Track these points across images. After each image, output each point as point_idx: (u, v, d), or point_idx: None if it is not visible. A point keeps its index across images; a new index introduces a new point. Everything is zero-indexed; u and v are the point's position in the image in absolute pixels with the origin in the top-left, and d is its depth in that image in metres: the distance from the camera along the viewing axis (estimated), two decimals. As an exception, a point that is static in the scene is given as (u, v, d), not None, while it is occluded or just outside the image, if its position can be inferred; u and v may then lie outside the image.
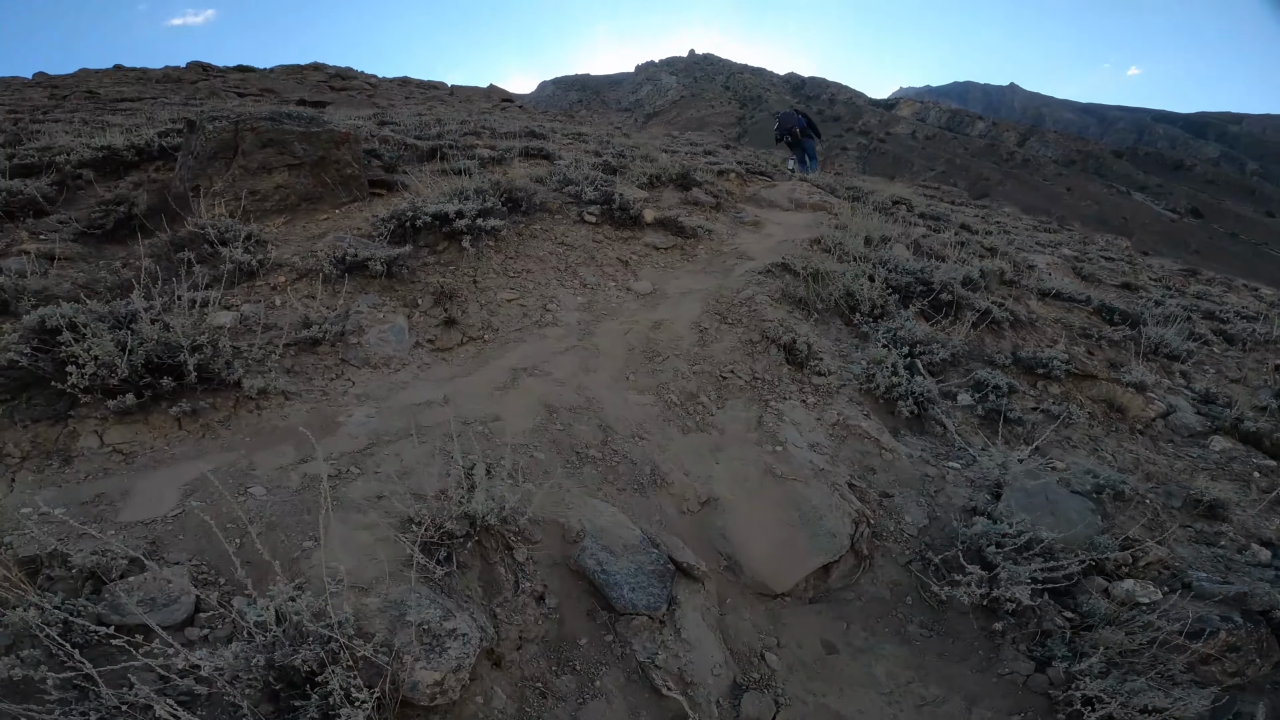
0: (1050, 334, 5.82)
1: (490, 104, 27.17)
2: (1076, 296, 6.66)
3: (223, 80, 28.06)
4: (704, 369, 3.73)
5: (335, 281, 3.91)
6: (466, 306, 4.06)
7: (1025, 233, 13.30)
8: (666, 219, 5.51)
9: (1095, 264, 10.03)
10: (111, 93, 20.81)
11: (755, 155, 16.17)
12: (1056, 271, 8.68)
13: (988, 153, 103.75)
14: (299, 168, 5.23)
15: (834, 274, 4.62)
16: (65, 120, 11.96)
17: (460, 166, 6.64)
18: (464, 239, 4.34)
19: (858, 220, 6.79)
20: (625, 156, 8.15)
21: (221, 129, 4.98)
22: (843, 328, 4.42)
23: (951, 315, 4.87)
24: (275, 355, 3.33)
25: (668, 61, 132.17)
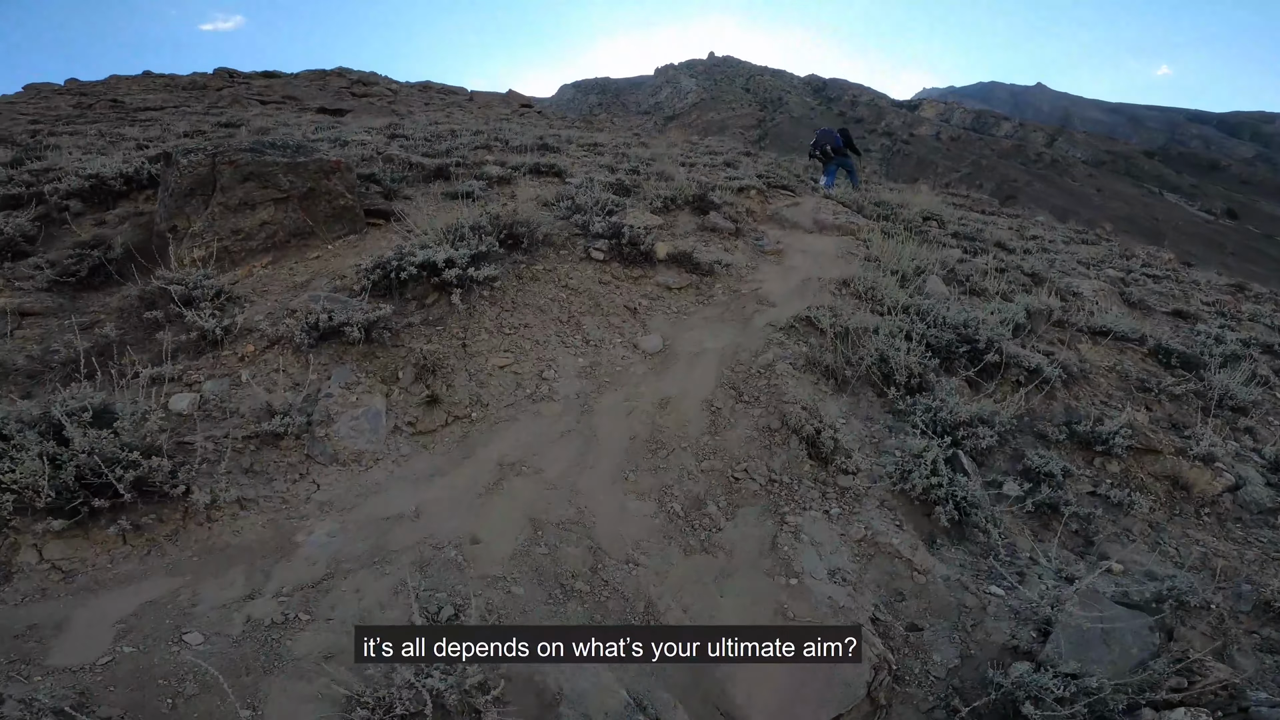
0: (1106, 387, 5.25)
1: (509, 110, 26.95)
2: (1130, 335, 6.06)
3: (247, 87, 28.23)
4: (714, 465, 3.27)
5: (308, 350, 3.52)
6: (453, 379, 3.62)
7: (1063, 247, 12.59)
8: (680, 254, 5.04)
9: (1143, 287, 9.35)
10: (136, 101, 20.95)
11: (777, 164, 15.60)
12: (1104, 299, 8.04)
13: (1015, 154, 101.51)
14: (285, 201, 4.87)
15: (866, 332, 4.09)
16: (82, 133, 11.90)
17: (465, 189, 6.28)
18: (454, 292, 3.91)
19: (890, 248, 6.27)
20: (639, 174, 7.71)
21: (197, 163, 4.62)
22: (875, 401, 3.90)
23: (999, 377, 4.38)
24: (232, 451, 2.97)
25: (687, 64, 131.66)
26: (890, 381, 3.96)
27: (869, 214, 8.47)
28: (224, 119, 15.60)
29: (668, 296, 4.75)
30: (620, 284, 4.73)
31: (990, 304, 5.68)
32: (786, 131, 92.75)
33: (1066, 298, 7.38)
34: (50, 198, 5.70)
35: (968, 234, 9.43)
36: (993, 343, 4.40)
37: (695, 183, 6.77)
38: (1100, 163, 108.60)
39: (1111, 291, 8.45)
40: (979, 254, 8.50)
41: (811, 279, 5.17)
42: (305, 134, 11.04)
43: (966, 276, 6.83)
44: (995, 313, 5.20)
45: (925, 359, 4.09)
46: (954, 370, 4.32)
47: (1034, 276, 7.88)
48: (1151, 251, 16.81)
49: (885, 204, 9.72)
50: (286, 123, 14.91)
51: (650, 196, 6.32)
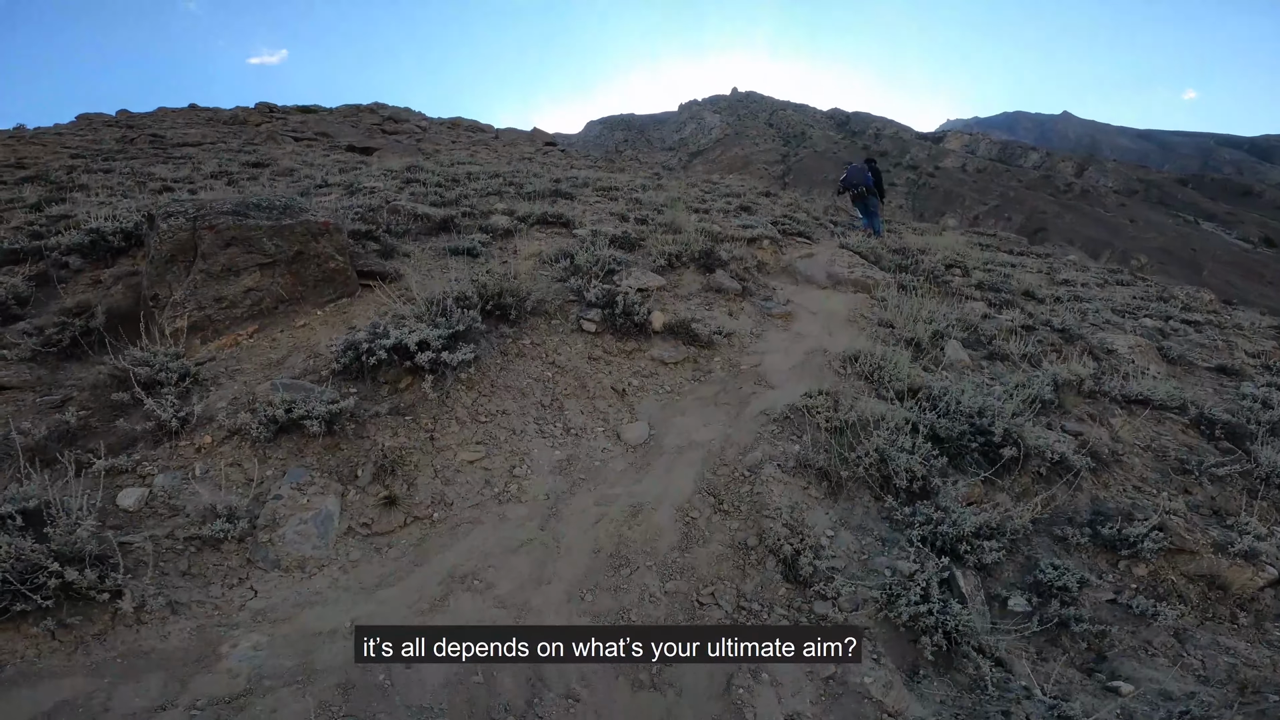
0: (1140, 470, 4.76)
1: (533, 148, 27.36)
2: (1169, 404, 5.58)
3: (284, 122, 29.20)
4: (679, 587, 2.93)
5: (265, 444, 3.33)
6: (416, 477, 3.38)
7: (1096, 291, 12.03)
8: (678, 324, 4.77)
9: (1183, 338, 8.76)
10: (177, 135, 21.66)
11: (796, 204, 15.38)
12: (1141, 356, 7.53)
13: (1043, 185, 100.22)
14: (271, 267, 4.72)
15: (867, 424, 3.72)
16: (114, 171, 12.24)
17: (467, 245, 6.13)
18: (426, 378, 3.66)
19: (906, 309, 5.92)
20: (649, 223, 7.52)
21: (178, 227, 4.48)
22: (871, 508, 3.50)
23: (1017, 470, 3.95)
24: (172, 553, 2.83)
25: (711, 100, 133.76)
26: (889, 485, 3.57)
27: (887, 265, 8.13)
28: (254, 158, 16.02)
29: (662, 373, 4.47)
30: (612, 359, 4.46)
31: (1013, 378, 5.28)
32: (810, 166, 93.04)
33: (1100, 357, 6.91)
34: (50, 253, 5.68)
35: (992, 284, 9.00)
36: (1010, 435, 3.98)
37: (703, 236, 6.53)
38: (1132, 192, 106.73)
39: (1149, 347, 7.93)
40: (1004, 307, 8.07)
41: (817, 351, 4.84)
42: (324, 175, 11.19)
43: (990, 337, 6.42)
44: (1018, 391, 4.79)
45: (931, 458, 3.67)
46: (964, 467, 3.90)
47: (1064, 334, 7.42)
48: (1190, 292, 16.06)
49: (905, 251, 9.37)
50: (312, 162, 15.24)
51: (655, 253, 6.08)
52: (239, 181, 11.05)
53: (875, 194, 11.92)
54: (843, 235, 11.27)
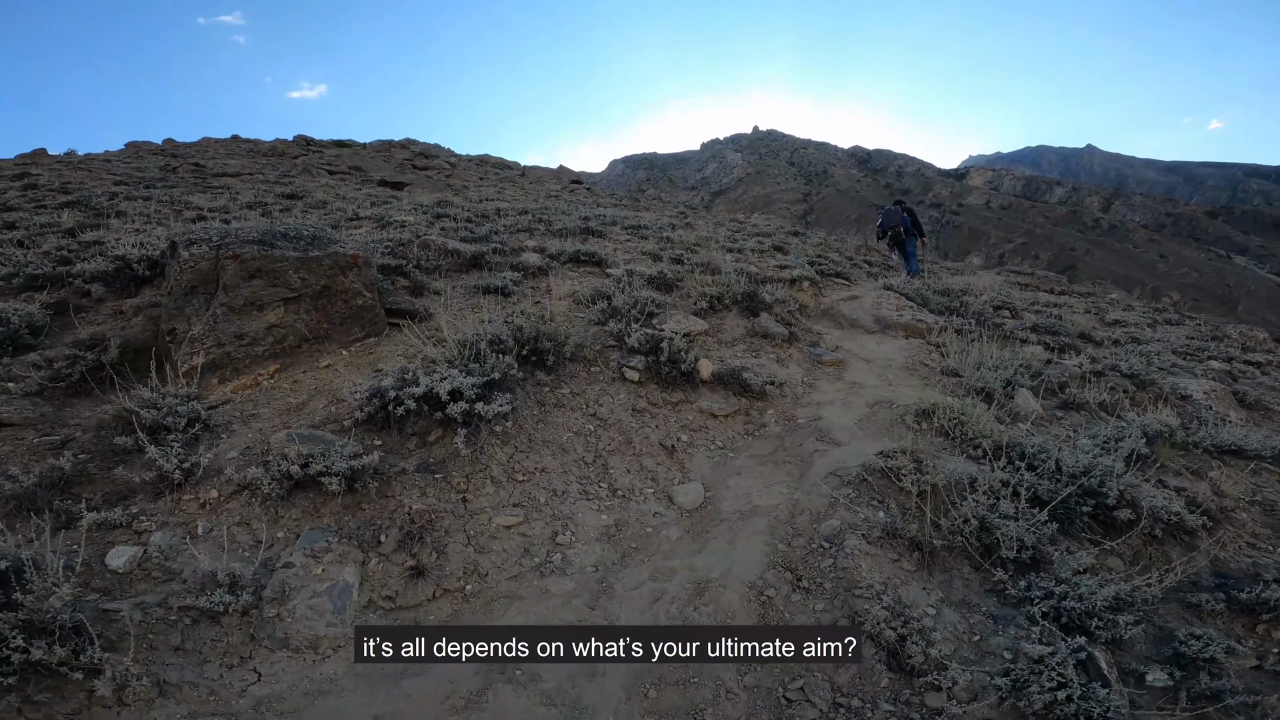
0: (1251, 526, 4.31)
1: (559, 185, 27.62)
2: (1263, 454, 5.14)
3: (320, 156, 29.96)
4: (761, 681, 2.47)
5: (279, 502, 2.96)
6: (446, 544, 2.98)
7: (1149, 332, 11.44)
8: (728, 373, 4.37)
9: (1252, 380, 8.25)
10: (217, 166, 22.16)
11: (826, 244, 15.06)
12: (1218, 402, 7.02)
13: (1070, 220, 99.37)
14: (296, 301, 4.46)
15: (959, 488, 3.25)
16: (155, 198, 12.35)
17: (498, 283, 5.86)
18: (458, 432, 3.29)
19: (969, 355, 5.47)
20: (683, 263, 7.21)
21: (199, 256, 4.22)
22: (972, 580, 3.03)
23: (1130, 534, 3.47)
24: (164, 624, 2.45)
25: (732, 139, 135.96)
26: (993, 555, 3.09)
27: (935, 307, 7.70)
28: (290, 189, 16.21)
29: (711, 426, 4.05)
30: (658, 411, 4.06)
31: (1100, 430, 4.80)
32: (833, 205, 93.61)
33: (1175, 403, 6.44)
34: (73, 280, 5.50)
35: (1047, 326, 8.52)
36: (1125, 498, 3.51)
37: (744, 277, 6.18)
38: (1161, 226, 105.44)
39: (1224, 392, 7.40)
40: (1066, 351, 7.61)
41: (881, 403, 4.40)
42: (356, 208, 11.15)
43: (1060, 384, 5.97)
44: (1113, 446, 4.32)
45: (1040, 524, 3.21)
46: (1074, 533, 3.43)
47: (1135, 379, 6.94)
48: (1244, 330, 15.38)
49: (950, 292, 8.93)
50: (345, 195, 15.35)
51: (695, 295, 5.73)
52: (273, 213, 11.07)
53: (914, 235, 11.72)
54: (882, 275, 10.91)
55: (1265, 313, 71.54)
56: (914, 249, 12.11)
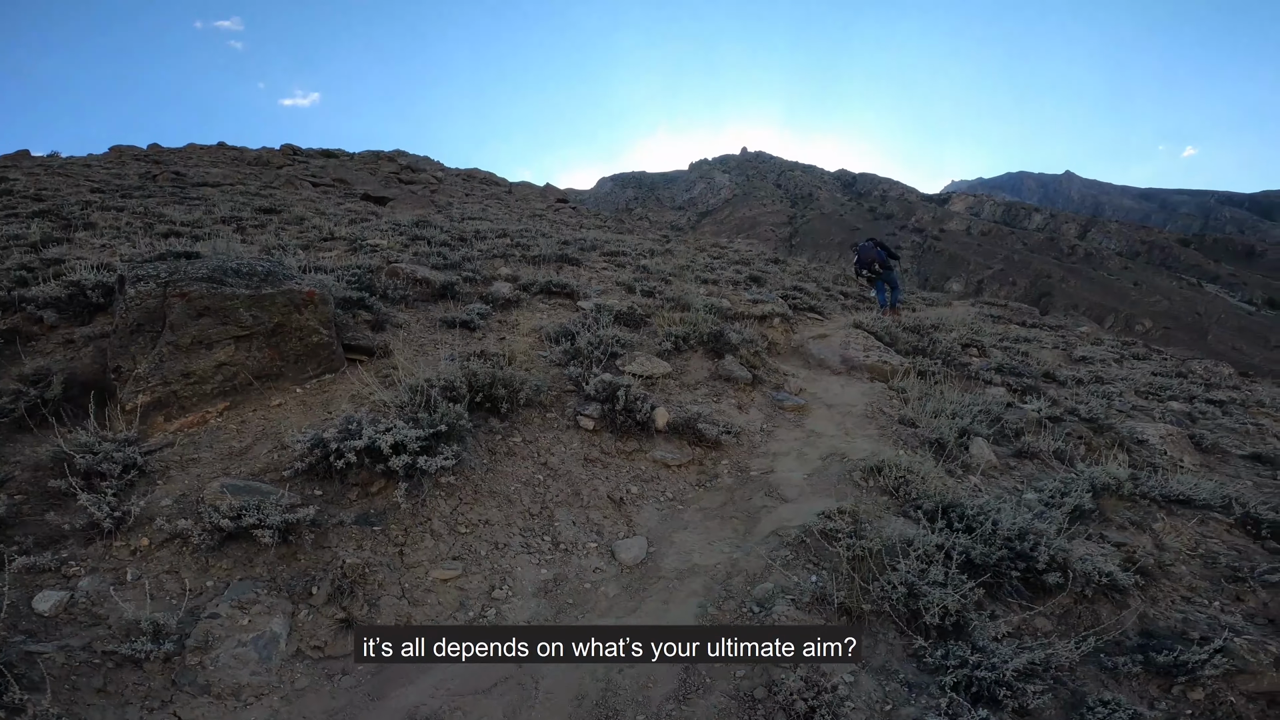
0: (1188, 579, 4.36)
1: (545, 204, 27.71)
2: (1211, 503, 5.22)
3: (305, 166, 29.75)
4: None
5: (209, 552, 2.94)
6: (379, 597, 2.95)
7: (1115, 369, 11.65)
8: (683, 423, 4.37)
9: (1212, 422, 8.39)
10: (198, 174, 21.87)
11: (806, 272, 15.25)
12: (1173, 446, 7.14)
13: (1047, 247, 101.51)
14: (248, 339, 4.38)
15: (892, 552, 3.27)
16: (129, 209, 12.14)
17: (464, 317, 5.83)
18: (400, 485, 3.27)
19: (928, 402, 5.54)
20: (656, 295, 7.24)
21: (146, 294, 4.14)
22: (896, 646, 3.04)
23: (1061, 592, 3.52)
24: (86, 668, 2.44)
25: (720, 159, 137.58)
26: (917, 622, 3.11)
27: (903, 347, 7.78)
28: (269, 202, 16.04)
29: (664, 477, 4.05)
30: (610, 461, 4.05)
31: (1049, 483, 4.86)
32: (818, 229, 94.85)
33: (1132, 449, 6.53)
34: (27, 306, 5.37)
35: (1012, 366, 8.64)
36: (1055, 562, 3.54)
37: (711, 316, 6.20)
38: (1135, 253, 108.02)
39: (1181, 436, 7.54)
40: (1027, 393, 7.72)
41: (834, 455, 4.42)
42: (332, 226, 11.07)
43: (1017, 431, 6.05)
44: (1057, 501, 4.37)
45: (966, 590, 3.23)
46: (1002, 597, 3.45)
47: (1093, 423, 7.05)
48: (1209, 366, 15.73)
49: (920, 329, 9.04)
50: (324, 211, 15.23)
51: (661, 334, 5.74)
52: (247, 229, 10.95)
53: (889, 267, 12.03)
54: (857, 309, 11.05)
55: (1235, 341, 73.42)
56: (896, 280, 12.41)
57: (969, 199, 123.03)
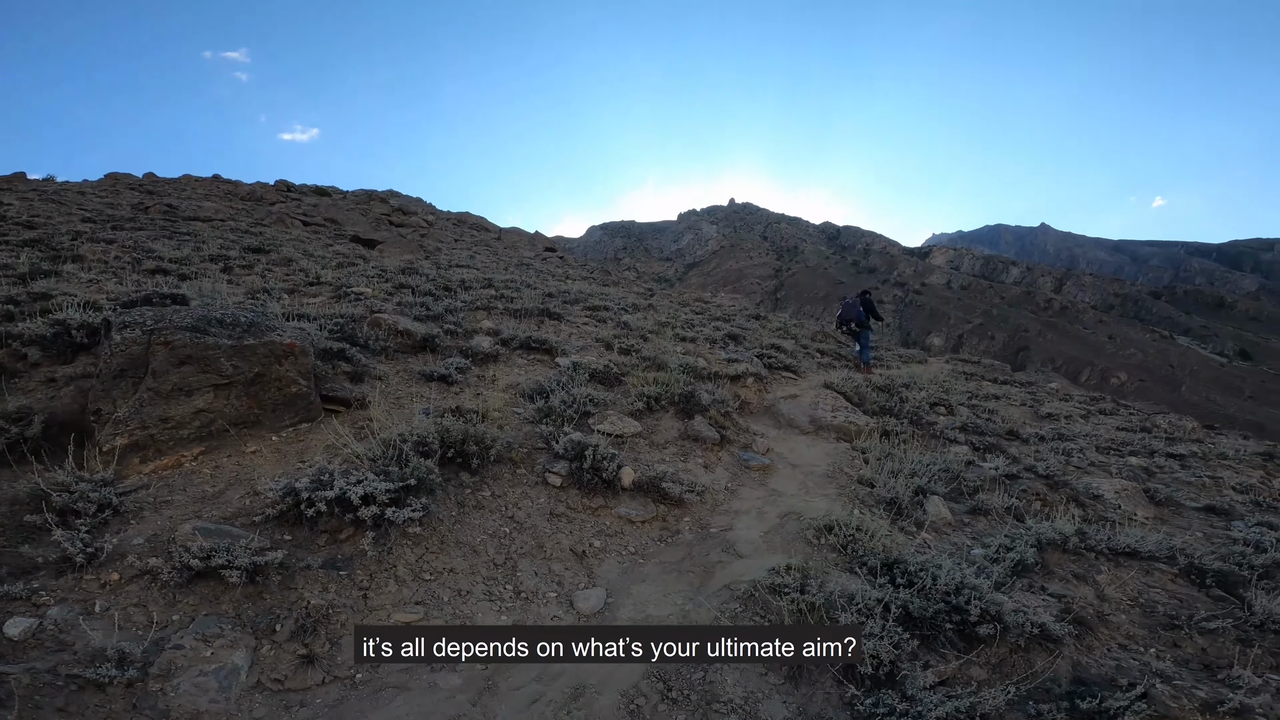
0: (1126, 628, 4.50)
1: (533, 252, 28.27)
2: (1157, 555, 5.40)
3: (298, 204, 30.16)
4: None
5: (177, 589, 3.08)
6: (341, 637, 3.08)
7: (1080, 425, 11.97)
8: (648, 481, 4.56)
9: (1169, 476, 8.60)
10: (190, 208, 22.07)
11: (786, 329, 15.65)
12: (1128, 500, 7.37)
13: (1025, 301, 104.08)
14: (228, 387, 4.54)
15: (833, 607, 3.44)
16: (119, 241, 12.28)
17: (443, 370, 6.01)
18: (367, 534, 3.42)
19: (888, 463, 5.76)
20: (633, 353, 7.49)
21: (131, 340, 4.32)
22: (833, 694, 3.18)
23: (994, 643, 3.69)
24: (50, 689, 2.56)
25: (708, 210, 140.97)
26: (853, 672, 3.26)
27: (870, 407, 8.07)
28: (258, 241, 16.23)
29: (627, 532, 4.21)
30: (575, 516, 4.21)
31: (996, 539, 5.07)
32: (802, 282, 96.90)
33: (1086, 503, 6.74)
34: (12, 342, 5.46)
35: (976, 425, 8.92)
36: (987, 614, 3.72)
37: (684, 376, 6.46)
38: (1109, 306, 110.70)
39: (1136, 490, 7.77)
40: (989, 452, 7.97)
41: (792, 515, 4.61)
42: (319, 270, 11.27)
43: (974, 489, 6.26)
44: (1001, 556, 4.56)
45: (901, 640, 3.40)
46: (937, 647, 3.60)
47: (1049, 480, 7.27)
48: (1173, 420, 16.07)
49: (890, 389, 9.35)
50: (312, 253, 15.44)
51: (634, 394, 5.98)
52: (234, 269, 11.14)
53: (868, 327, 12.82)
54: (832, 368, 11.39)
55: (1208, 391, 75.04)
56: (868, 340, 13.05)
57: (949, 252, 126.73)
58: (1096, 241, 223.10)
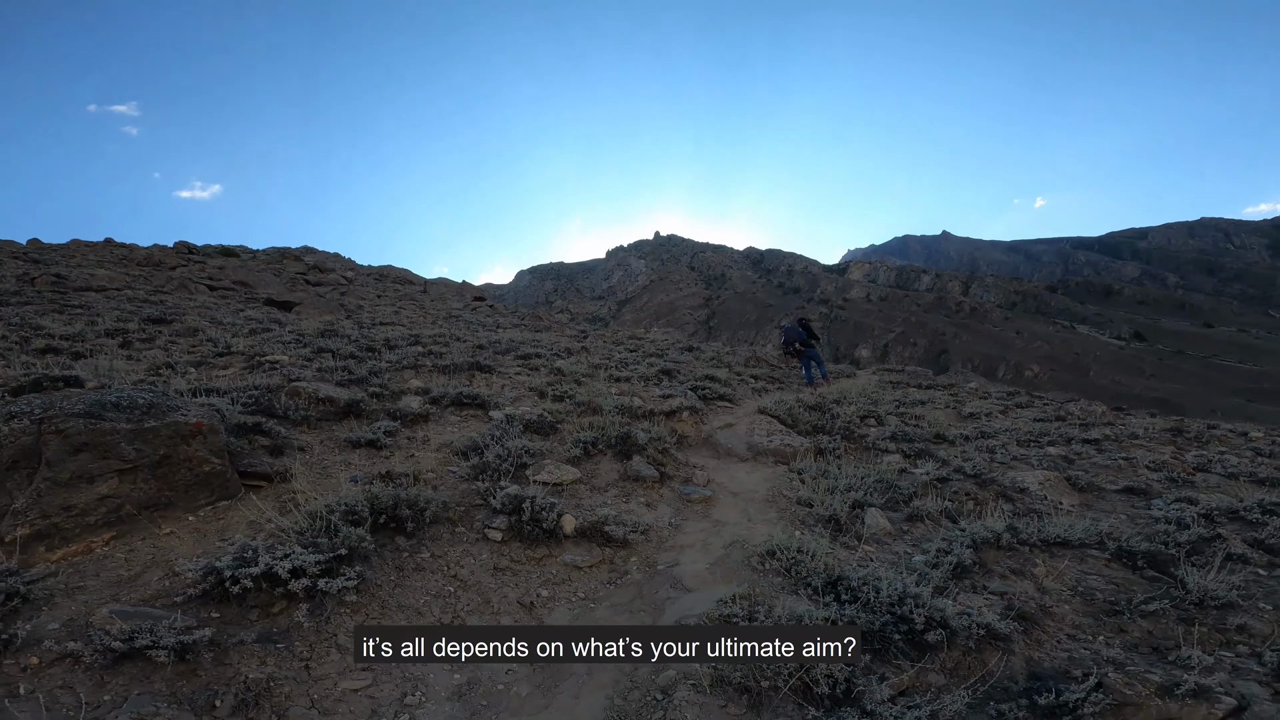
0: (1071, 618, 4.69)
1: (461, 303, 27.85)
2: (1088, 541, 5.66)
3: (201, 267, 28.48)
4: None
5: (103, 670, 2.87)
6: (288, 708, 2.92)
7: (1000, 420, 12.65)
8: (590, 526, 4.53)
9: (1088, 461, 9.01)
10: (81, 277, 20.46)
11: (719, 358, 15.99)
12: (1052, 490, 7.75)
13: (938, 306, 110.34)
14: (132, 472, 4.25)
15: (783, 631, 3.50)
16: (5, 319, 11.20)
17: (371, 436, 5.80)
18: (301, 606, 3.26)
19: (824, 480, 5.93)
20: (567, 399, 7.45)
21: (20, 431, 4.01)
22: (795, 715, 3.18)
23: (945, 648, 3.81)
24: None
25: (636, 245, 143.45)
26: (811, 693, 3.29)
27: (803, 427, 8.31)
28: (159, 311, 15.18)
29: (575, 578, 4.15)
30: (520, 568, 4.12)
31: (934, 544, 5.25)
32: (733, 309, 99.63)
33: (1013, 497, 7.02)
34: None
35: (905, 433, 9.30)
36: (933, 621, 3.84)
37: (620, 418, 6.48)
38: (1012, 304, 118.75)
39: (1058, 479, 8.16)
40: (919, 458, 8.29)
41: (736, 543, 4.67)
42: (229, 339, 10.67)
43: (908, 496, 6.48)
44: (940, 560, 4.73)
45: (851, 656, 3.46)
46: (890, 658, 3.68)
47: (977, 479, 7.57)
48: (1084, 405, 17.10)
49: (822, 407, 9.67)
50: (221, 321, 14.58)
51: (570, 441, 5.95)
52: (134, 343, 10.40)
53: (810, 345, 13.65)
54: (764, 392, 11.68)
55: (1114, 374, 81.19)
56: (818, 355, 13.85)
57: (865, 266, 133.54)
58: (993, 244, 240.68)
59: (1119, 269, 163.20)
